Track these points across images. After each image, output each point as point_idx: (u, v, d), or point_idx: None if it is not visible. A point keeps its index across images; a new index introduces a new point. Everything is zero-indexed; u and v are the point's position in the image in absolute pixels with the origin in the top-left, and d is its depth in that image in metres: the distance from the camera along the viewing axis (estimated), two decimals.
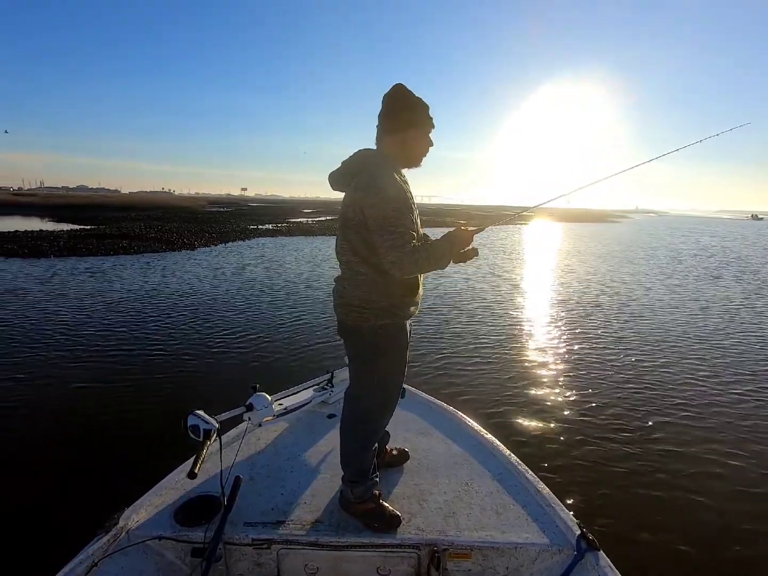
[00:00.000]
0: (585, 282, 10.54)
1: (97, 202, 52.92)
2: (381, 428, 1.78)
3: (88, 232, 18.59)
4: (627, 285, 10.18)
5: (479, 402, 3.94)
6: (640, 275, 11.75)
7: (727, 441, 3.39)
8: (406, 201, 1.48)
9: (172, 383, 4.24)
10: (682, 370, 4.83)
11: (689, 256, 16.89)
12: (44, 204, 46.95)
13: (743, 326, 6.76)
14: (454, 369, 4.74)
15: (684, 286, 10.13)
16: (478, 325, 6.48)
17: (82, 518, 2.22)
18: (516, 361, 5.03)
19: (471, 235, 1.57)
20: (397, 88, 1.58)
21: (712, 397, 4.17)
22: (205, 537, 1.51)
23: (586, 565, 1.45)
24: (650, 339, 6.00)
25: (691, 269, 13.24)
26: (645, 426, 3.58)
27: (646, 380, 4.53)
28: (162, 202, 57.40)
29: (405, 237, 1.41)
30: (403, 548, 1.58)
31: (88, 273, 9.85)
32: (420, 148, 1.63)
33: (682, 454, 3.21)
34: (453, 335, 5.95)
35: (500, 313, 7.27)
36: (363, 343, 1.61)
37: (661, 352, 5.43)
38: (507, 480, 1.90)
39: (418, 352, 5.17)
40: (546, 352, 5.40)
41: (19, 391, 4.01)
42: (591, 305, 8.01)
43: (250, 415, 1.86)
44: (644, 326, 6.65)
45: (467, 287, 9.47)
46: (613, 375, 4.66)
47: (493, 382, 4.42)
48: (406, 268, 1.42)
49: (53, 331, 5.68)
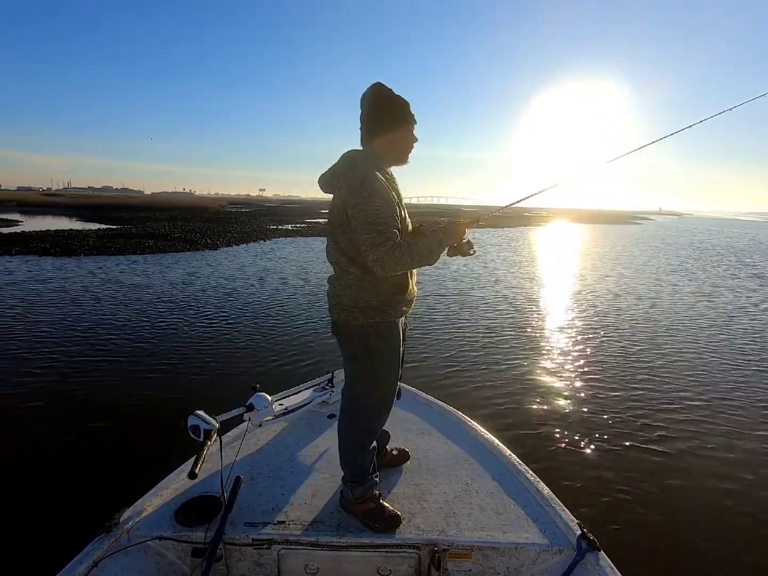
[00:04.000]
0: (587, 283, 10.55)
1: (122, 202, 53.54)
2: (378, 428, 1.78)
3: (115, 231, 18.94)
4: (622, 285, 10.18)
5: (479, 402, 3.94)
6: (631, 278, 11.75)
7: (729, 441, 3.39)
8: (389, 199, 1.48)
9: (172, 383, 4.24)
10: (683, 370, 4.83)
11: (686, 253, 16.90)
12: (72, 204, 47.91)
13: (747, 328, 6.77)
14: (454, 369, 4.74)
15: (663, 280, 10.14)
16: (478, 325, 6.48)
17: (82, 518, 2.23)
18: (516, 362, 5.02)
19: (463, 228, 1.56)
20: (379, 89, 1.56)
21: (714, 397, 4.16)
22: (205, 537, 1.51)
23: (586, 566, 1.45)
24: (652, 339, 5.99)
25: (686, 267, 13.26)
26: (646, 426, 3.58)
27: (646, 381, 4.53)
28: (183, 203, 58.11)
29: (385, 234, 1.41)
30: (403, 548, 1.58)
31: (108, 272, 10.02)
32: (408, 146, 1.63)
33: (683, 454, 3.20)
34: (453, 335, 5.94)
35: (501, 314, 7.27)
36: (355, 343, 1.62)
37: (662, 353, 5.43)
38: (507, 480, 1.90)
39: (418, 352, 5.17)
40: (546, 352, 5.40)
41: (19, 390, 4.01)
42: (591, 305, 8.01)
43: (251, 415, 1.87)
44: (645, 326, 6.64)
45: (468, 287, 9.47)
46: (613, 375, 4.66)
47: (494, 382, 4.41)
48: (388, 265, 1.41)
49: (53, 330, 5.67)
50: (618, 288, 9.76)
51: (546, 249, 19.83)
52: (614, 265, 13.86)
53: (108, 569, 1.42)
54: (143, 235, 17.52)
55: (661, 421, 3.66)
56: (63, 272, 9.78)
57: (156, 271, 10.32)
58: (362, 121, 1.60)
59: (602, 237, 27.19)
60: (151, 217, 29.86)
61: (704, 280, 11.07)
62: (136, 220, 27.03)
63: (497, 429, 3.05)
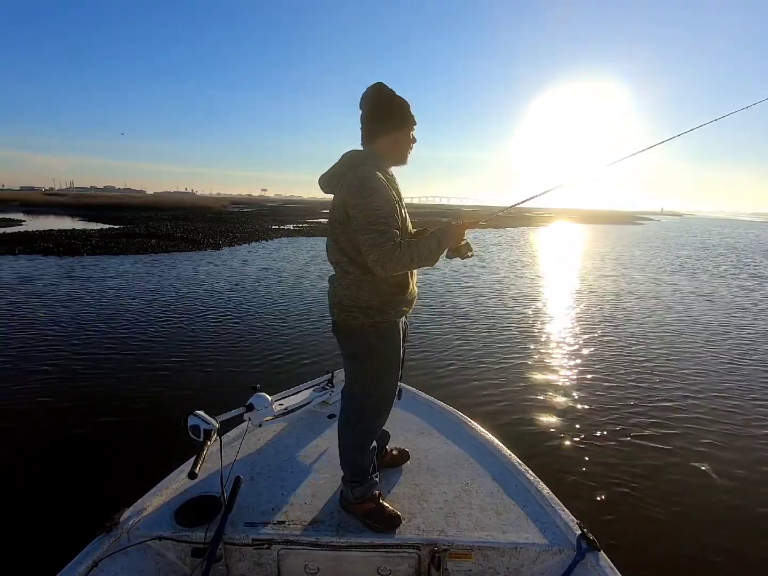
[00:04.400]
0: (586, 282, 10.54)
1: (125, 202, 53.73)
2: (378, 428, 1.77)
3: (118, 231, 19.10)
4: (621, 285, 10.18)
5: (479, 402, 3.94)
6: (630, 278, 11.75)
7: (729, 441, 3.38)
8: (389, 199, 1.48)
9: (172, 383, 4.23)
10: (684, 370, 4.83)
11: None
12: (75, 204, 48.15)
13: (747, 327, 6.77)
14: (454, 369, 4.73)
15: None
16: (479, 325, 6.48)
17: (82, 518, 2.23)
18: (517, 362, 5.02)
19: (462, 230, 1.56)
20: (380, 89, 1.56)
21: (715, 397, 4.16)
22: (205, 537, 1.51)
23: (586, 566, 1.45)
24: (652, 339, 5.99)
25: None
26: (646, 427, 3.57)
27: (647, 381, 4.52)
28: (185, 203, 58.43)
29: (386, 235, 1.41)
30: (403, 548, 1.58)
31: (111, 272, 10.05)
32: (402, 146, 1.63)
33: (684, 454, 3.20)
34: (453, 335, 5.94)
35: (501, 313, 7.26)
36: (355, 343, 1.62)
37: (662, 353, 5.42)
38: (507, 480, 1.90)
39: (419, 351, 5.17)
40: (547, 353, 5.40)
41: (18, 390, 4.01)
42: (591, 305, 8.01)
43: (251, 415, 1.87)
44: (645, 326, 6.64)
45: (469, 287, 9.47)
46: (614, 375, 4.65)
47: (494, 382, 4.41)
48: (388, 265, 1.41)
49: (54, 330, 5.67)
50: (617, 287, 9.76)
51: (546, 249, 19.83)
52: (615, 264, 13.88)
53: (108, 569, 1.42)
54: (146, 234, 17.61)
55: (662, 422, 3.66)
56: (66, 272, 9.80)
57: (159, 271, 10.33)
58: (362, 122, 1.60)
59: (603, 237, 27.20)
60: (153, 217, 29.98)
61: (704, 281, 11.09)
62: (139, 219, 27.15)
63: (497, 429, 3.05)
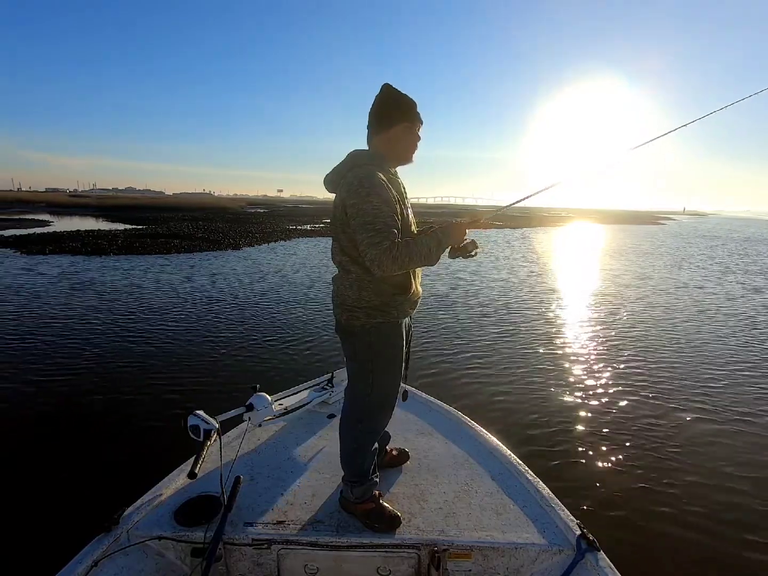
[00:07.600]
0: (592, 283, 10.54)
1: (146, 203, 54.46)
2: (380, 429, 1.77)
3: (141, 231, 19.44)
4: (626, 280, 10.18)
5: (479, 402, 3.94)
6: (631, 279, 11.74)
7: (730, 441, 3.38)
8: (387, 199, 1.46)
9: (172, 383, 4.23)
10: (684, 369, 4.83)
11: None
12: (98, 205, 49.09)
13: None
14: (455, 369, 4.73)
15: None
16: (480, 325, 6.48)
17: (82, 518, 2.23)
18: (517, 362, 5.02)
19: (464, 228, 1.55)
20: (382, 89, 1.59)
21: (716, 397, 4.16)
22: (205, 537, 1.51)
23: (586, 566, 1.45)
24: (652, 339, 5.99)
25: None
26: (646, 427, 3.57)
27: (647, 381, 4.52)
28: (204, 203, 59.60)
29: (383, 234, 1.40)
30: (403, 548, 1.58)
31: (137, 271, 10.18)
32: (406, 144, 1.61)
33: (684, 454, 3.20)
34: (453, 334, 5.94)
35: (502, 313, 7.26)
36: (357, 343, 1.61)
37: (662, 353, 5.42)
38: (507, 480, 1.90)
39: (419, 351, 5.16)
40: (547, 352, 5.40)
41: (18, 390, 4.01)
42: (592, 304, 8.01)
43: (250, 415, 1.87)
44: (648, 328, 6.64)
45: (469, 287, 9.47)
46: (614, 375, 4.65)
47: (494, 382, 4.41)
48: (385, 264, 1.39)
49: (53, 329, 5.68)
50: (622, 290, 9.75)
51: (558, 249, 19.68)
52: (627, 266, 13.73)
53: (108, 569, 1.42)
54: (168, 234, 18.00)
55: (662, 421, 3.66)
56: (94, 271, 9.99)
57: (180, 270, 10.48)
58: (368, 121, 1.63)
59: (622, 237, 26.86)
60: (173, 218, 30.51)
61: (717, 277, 11.07)
62: (160, 220, 27.68)
63: (497, 429, 3.05)
